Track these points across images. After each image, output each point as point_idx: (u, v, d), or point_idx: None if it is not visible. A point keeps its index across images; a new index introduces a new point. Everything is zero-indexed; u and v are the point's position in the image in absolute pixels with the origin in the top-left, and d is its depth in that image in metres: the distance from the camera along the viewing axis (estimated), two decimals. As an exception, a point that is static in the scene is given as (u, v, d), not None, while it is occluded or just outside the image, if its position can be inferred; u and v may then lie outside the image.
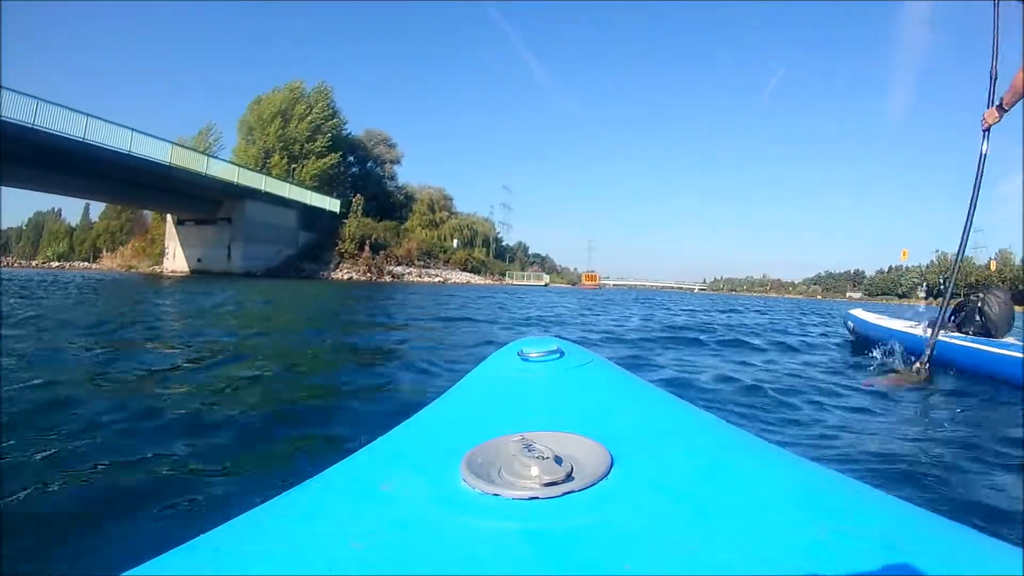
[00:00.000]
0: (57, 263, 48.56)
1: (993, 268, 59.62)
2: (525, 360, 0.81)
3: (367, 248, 33.95)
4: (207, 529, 0.46)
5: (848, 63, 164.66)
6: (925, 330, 3.99)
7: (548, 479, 0.45)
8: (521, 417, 0.63)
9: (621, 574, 0.36)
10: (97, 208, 53.62)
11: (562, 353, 0.82)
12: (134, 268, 33.50)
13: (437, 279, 35.89)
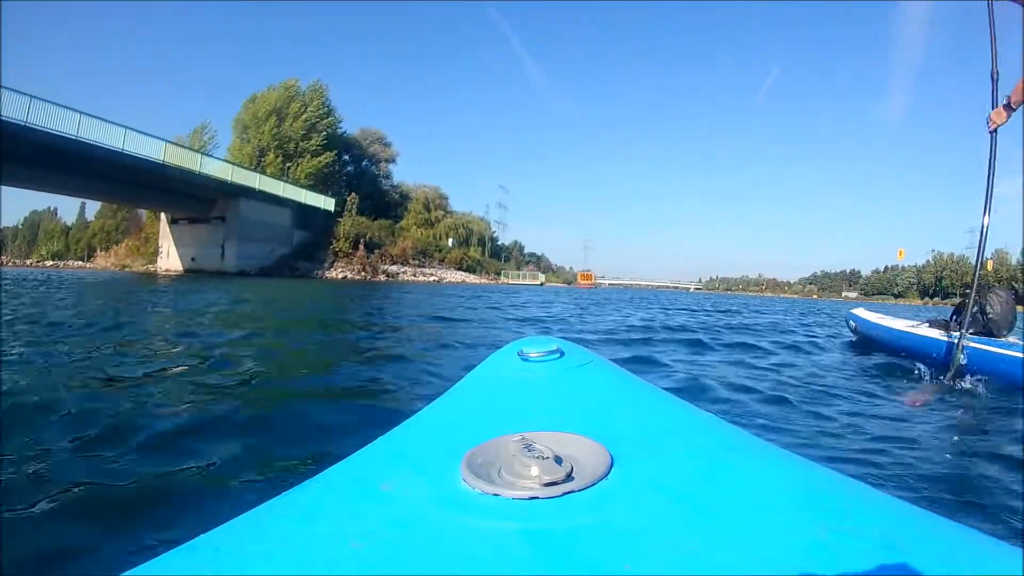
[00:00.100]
0: (51, 262, 48.08)
1: (990, 268, 60.00)
2: (525, 360, 0.81)
3: (362, 247, 33.78)
4: (207, 529, 0.46)
5: (844, 63, 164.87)
6: (928, 329, 3.97)
7: (548, 479, 0.45)
8: (521, 417, 0.63)
9: (621, 574, 0.36)
10: (93, 207, 53.41)
11: (562, 353, 0.82)
12: (128, 267, 33.29)
13: (432, 278, 35.73)
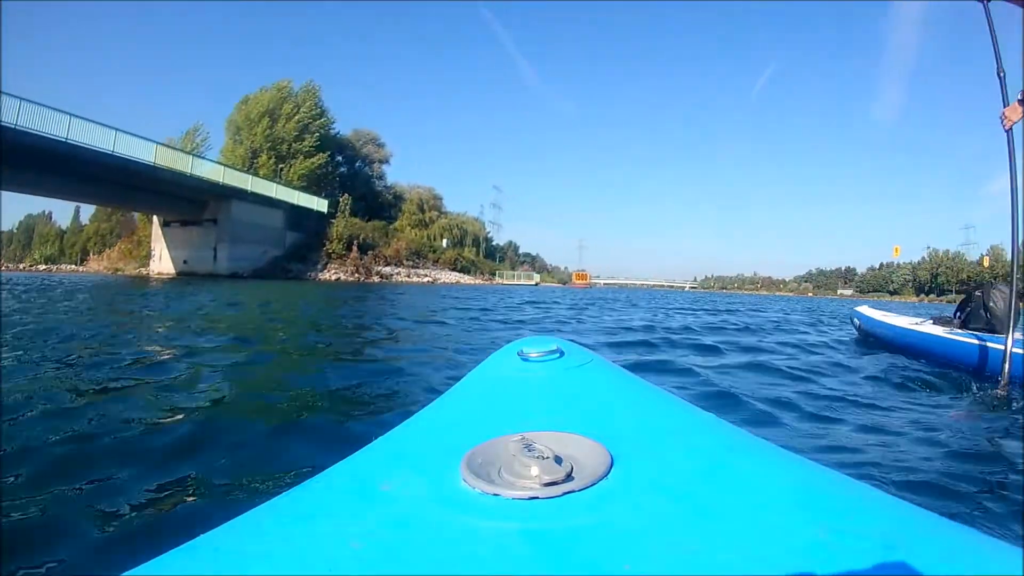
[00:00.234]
0: (44, 266, 47.72)
1: (986, 264, 60.17)
2: (525, 360, 0.81)
3: (355, 248, 33.71)
4: (207, 529, 0.46)
5: (838, 62, 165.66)
6: (931, 327, 3.92)
7: (548, 479, 0.45)
8: (521, 417, 0.63)
9: (621, 574, 0.36)
10: (88, 211, 52.83)
11: (562, 353, 0.82)
12: (120, 270, 33.14)
13: (426, 279, 35.67)
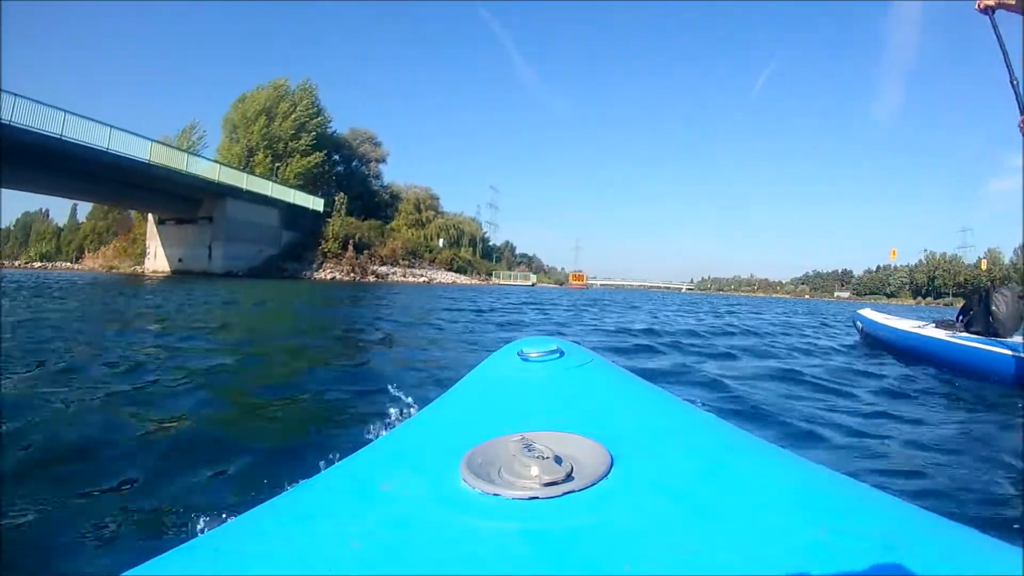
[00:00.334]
0: (40, 263, 47.39)
1: (984, 267, 60.12)
2: (525, 360, 0.81)
3: (351, 248, 33.58)
4: (207, 529, 0.46)
5: (836, 63, 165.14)
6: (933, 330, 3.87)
7: (548, 479, 0.45)
8: (521, 417, 0.63)
9: (621, 574, 0.36)
10: (85, 208, 52.29)
11: (562, 353, 0.82)
12: (115, 268, 32.88)
13: (422, 279, 35.50)
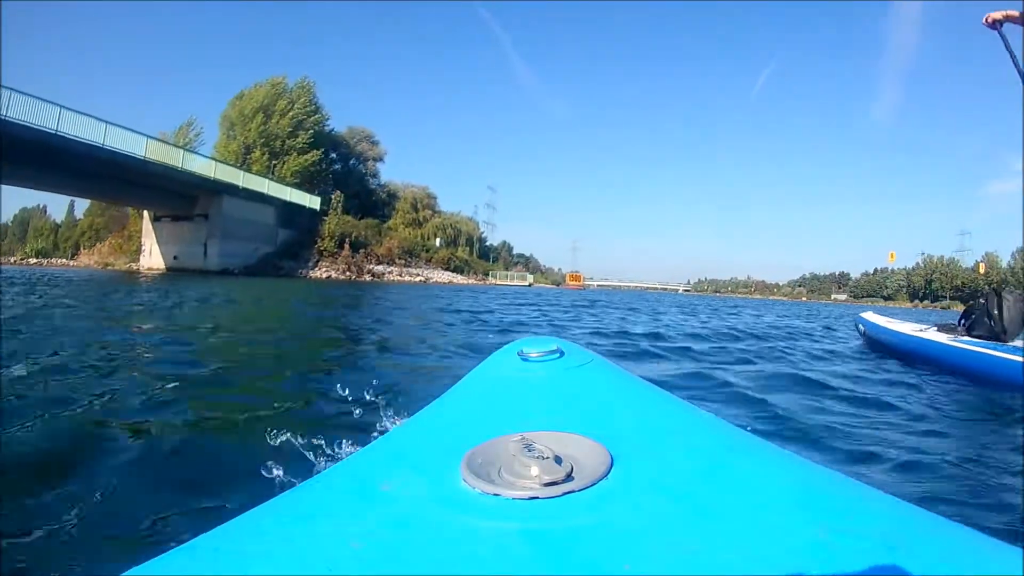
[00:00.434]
0: (35, 260, 47.12)
1: (982, 271, 60.11)
2: (525, 360, 0.81)
3: (347, 246, 33.46)
4: (207, 529, 0.46)
5: (834, 64, 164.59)
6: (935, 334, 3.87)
7: (548, 479, 0.45)
8: (521, 417, 0.63)
9: (621, 574, 0.36)
10: (82, 205, 51.94)
11: (562, 353, 0.82)
12: (111, 265, 32.74)
13: (419, 278, 35.35)
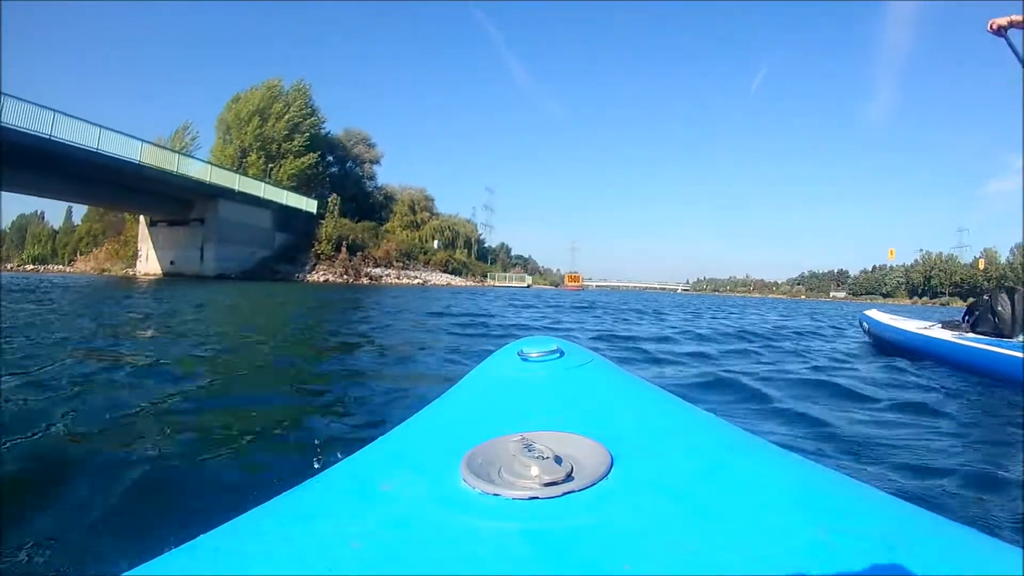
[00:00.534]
0: (32, 266, 46.97)
1: (981, 267, 60.29)
2: (525, 360, 0.81)
3: (344, 249, 33.36)
4: (207, 529, 0.46)
5: (829, 63, 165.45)
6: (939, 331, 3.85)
7: (548, 479, 0.45)
8: (521, 417, 0.63)
9: (621, 574, 0.36)
10: (80, 211, 51.69)
11: (562, 353, 0.82)
12: (107, 271, 32.65)
13: (416, 281, 35.26)
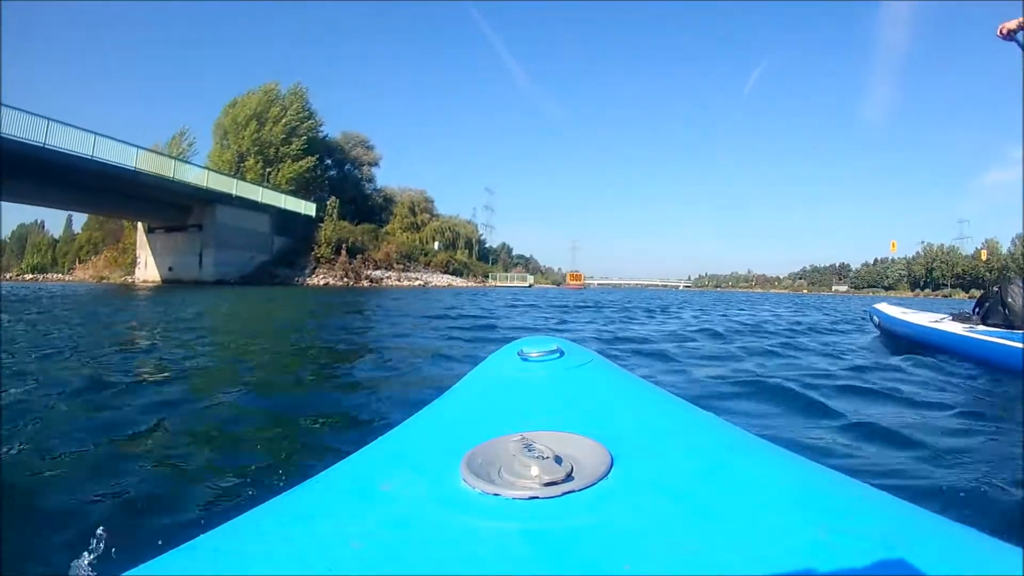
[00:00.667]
0: (31, 275, 47.21)
1: (983, 257, 60.14)
2: (525, 360, 0.80)
3: (344, 252, 33.25)
4: (207, 529, 0.46)
5: (828, 61, 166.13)
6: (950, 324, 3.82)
7: (548, 479, 0.45)
8: (521, 417, 0.63)
9: (621, 574, 0.36)
10: (80, 219, 51.89)
11: (562, 353, 0.82)
12: (106, 279, 32.55)
13: (418, 282, 35.11)
